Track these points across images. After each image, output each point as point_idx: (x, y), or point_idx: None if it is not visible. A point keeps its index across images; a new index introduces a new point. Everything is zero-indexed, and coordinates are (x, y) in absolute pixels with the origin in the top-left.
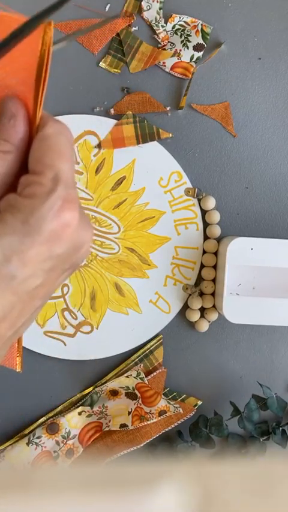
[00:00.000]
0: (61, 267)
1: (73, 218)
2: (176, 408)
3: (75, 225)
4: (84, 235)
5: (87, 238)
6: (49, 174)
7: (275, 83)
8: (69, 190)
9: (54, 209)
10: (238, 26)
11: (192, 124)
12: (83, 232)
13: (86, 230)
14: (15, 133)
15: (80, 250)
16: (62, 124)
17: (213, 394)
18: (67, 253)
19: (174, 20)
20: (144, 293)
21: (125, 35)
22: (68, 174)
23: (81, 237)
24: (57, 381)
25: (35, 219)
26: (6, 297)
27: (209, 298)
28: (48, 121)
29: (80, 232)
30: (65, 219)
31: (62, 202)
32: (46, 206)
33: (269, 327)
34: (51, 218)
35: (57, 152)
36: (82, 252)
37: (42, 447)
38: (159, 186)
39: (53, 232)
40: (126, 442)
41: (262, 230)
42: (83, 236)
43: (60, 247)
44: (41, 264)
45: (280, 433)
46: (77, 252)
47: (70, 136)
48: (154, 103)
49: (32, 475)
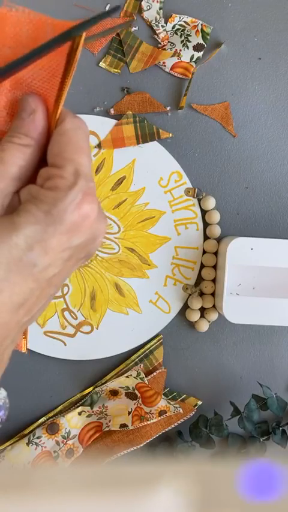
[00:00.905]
0: (77, 256)
1: (92, 210)
2: (176, 408)
3: (94, 217)
4: (100, 227)
5: (102, 229)
6: (70, 168)
7: (275, 83)
8: (89, 184)
9: (76, 201)
10: (238, 26)
11: (192, 124)
12: (100, 223)
13: (102, 222)
14: (35, 127)
15: (95, 240)
16: (79, 119)
17: (213, 394)
18: (84, 243)
19: (174, 20)
20: (144, 293)
21: (125, 35)
22: (87, 168)
23: (98, 229)
24: (57, 381)
25: (58, 210)
26: (27, 284)
27: (209, 298)
28: (67, 116)
29: (98, 224)
30: (85, 211)
31: (82, 195)
32: (68, 199)
33: (269, 327)
34: (72, 210)
35: (77, 146)
36: (97, 242)
37: (42, 447)
38: (159, 186)
39: (73, 223)
40: (126, 442)
41: (262, 230)
42: (100, 227)
43: (79, 238)
44: (60, 254)
45: (280, 433)
46: (93, 242)
47: (87, 130)
48: (154, 103)
49: (32, 475)
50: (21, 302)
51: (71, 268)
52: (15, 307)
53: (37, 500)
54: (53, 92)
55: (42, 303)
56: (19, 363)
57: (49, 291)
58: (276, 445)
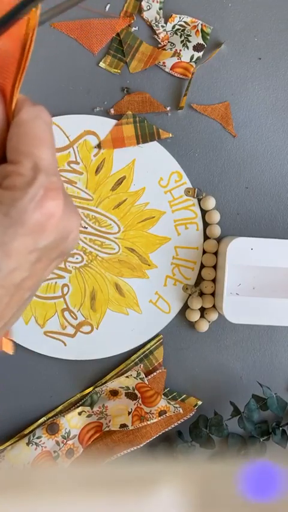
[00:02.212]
0: (48, 257)
1: (57, 207)
2: (176, 408)
3: (59, 214)
4: (71, 223)
5: (74, 225)
6: (28, 163)
7: (275, 83)
8: (51, 178)
9: (36, 199)
10: (238, 26)
11: (192, 124)
12: (69, 220)
13: (72, 217)
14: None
15: (66, 239)
16: (38, 107)
17: (213, 394)
18: (53, 243)
19: (174, 20)
20: (144, 293)
21: (125, 35)
22: (48, 161)
23: (67, 226)
24: (57, 381)
25: (17, 210)
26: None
27: (209, 298)
28: (24, 105)
29: (66, 221)
30: (48, 209)
31: (44, 191)
32: (27, 197)
33: (269, 327)
34: (33, 209)
35: (35, 138)
36: (69, 240)
37: (42, 447)
38: (159, 186)
39: (36, 223)
40: (126, 442)
41: (262, 230)
42: (69, 224)
43: (46, 239)
44: (26, 256)
45: (280, 433)
46: (64, 241)
47: (48, 119)
48: (154, 103)
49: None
50: None
51: (44, 270)
52: None
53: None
54: (10, 81)
55: (14, 308)
56: (19, 363)
57: (22, 295)
58: (276, 445)
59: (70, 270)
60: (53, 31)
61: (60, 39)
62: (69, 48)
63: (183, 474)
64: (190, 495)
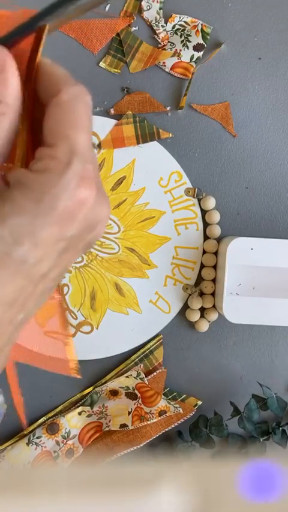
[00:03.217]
0: (75, 247)
1: (89, 196)
2: (176, 408)
3: (91, 203)
4: (101, 213)
5: (104, 216)
6: (64, 147)
7: (275, 83)
8: (86, 165)
9: (70, 187)
10: (238, 26)
11: (192, 124)
12: (100, 210)
13: (103, 207)
14: (8, 90)
15: (94, 229)
16: (80, 88)
17: (213, 394)
18: (81, 233)
19: (174, 20)
20: (144, 293)
21: (125, 35)
22: (84, 147)
23: (97, 216)
24: (57, 381)
25: (49, 198)
26: (17, 281)
27: (209, 298)
28: (65, 84)
29: (96, 211)
30: (81, 198)
31: (78, 179)
32: (61, 184)
33: (269, 327)
34: (66, 197)
35: (73, 121)
36: (97, 231)
37: (42, 447)
38: (159, 186)
39: (67, 212)
40: (126, 442)
41: (262, 230)
42: (99, 214)
43: (74, 228)
44: (53, 246)
45: (280, 433)
46: (92, 231)
47: (89, 100)
48: (154, 103)
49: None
50: (12, 300)
51: (69, 260)
52: (6, 305)
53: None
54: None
55: (37, 298)
56: (19, 363)
57: (45, 286)
58: (276, 445)
59: (70, 270)
60: None
61: (60, 39)
62: (69, 48)
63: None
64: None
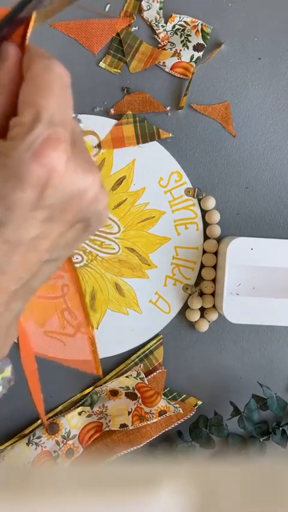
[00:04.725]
0: (61, 218)
1: (58, 158)
2: (176, 408)
3: (61, 167)
4: (82, 181)
5: (87, 184)
6: (29, 113)
7: (275, 83)
8: (55, 128)
9: (32, 149)
10: (238, 26)
11: (192, 124)
12: (80, 177)
13: (85, 174)
14: (3, 73)
15: (81, 199)
16: (50, 60)
17: (213, 394)
18: (62, 202)
19: (174, 20)
20: (144, 293)
21: (125, 35)
22: (52, 111)
23: (78, 184)
24: (57, 380)
25: (13, 161)
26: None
27: (209, 298)
28: (36, 58)
29: (76, 177)
30: (47, 161)
31: (42, 141)
32: (23, 146)
33: (269, 327)
34: (29, 159)
35: (40, 89)
36: (87, 202)
37: (42, 447)
38: (159, 186)
39: (36, 176)
40: (126, 442)
41: (262, 230)
42: (81, 182)
43: (50, 195)
44: (31, 213)
45: (280, 433)
46: (79, 202)
47: (61, 71)
48: (154, 103)
49: (32, 475)
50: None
51: (62, 233)
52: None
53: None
54: None
55: (32, 270)
56: (19, 363)
57: (38, 257)
58: (276, 445)
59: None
60: (53, 31)
61: (60, 39)
62: (69, 48)
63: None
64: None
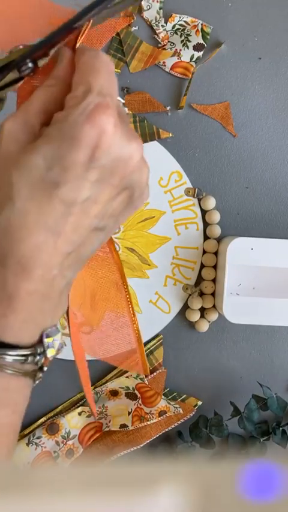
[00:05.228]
0: (109, 182)
1: (107, 122)
2: (176, 408)
3: (111, 130)
4: (129, 147)
5: (133, 150)
6: (81, 87)
7: (275, 83)
8: (104, 98)
9: (85, 113)
10: (238, 26)
11: (192, 124)
12: (126, 142)
13: (131, 141)
14: (58, 69)
15: (127, 164)
16: (95, 51)
17: (213, 394)
18: (111, 164)
19: (174, 20)
20: (144, 293)
21: (125, 35)
22: (102, 85)
23: (124, 148)
24: (57, 381)
25: (69, 124)
26: (54, 205)
27: (209, 298)
28: (86, 51)
29: (123, 143)
30: (98, 123)
31: (94, 106)
32: (77, 111)
33: (269, 327)
34: (82, 122)
35: (90, 71)
36: (131, 167)
37: (42, 447)
38: (159, 186)
39: (89, 137)
40: (126, 442)
41: (262, 230)
42: (127, 148)
43: (100, 156)
44: (84, 173)
45: (280, 433)
46: (125, 166)
47: (107, 59)
48: (154, 103)
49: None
50: (53, 225)
51: (110, 198)
52: (47, 229)
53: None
54: None
55: (83, 235)
56: None
57: (90, 222)
58: (277, 445)
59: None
60: None
61: None
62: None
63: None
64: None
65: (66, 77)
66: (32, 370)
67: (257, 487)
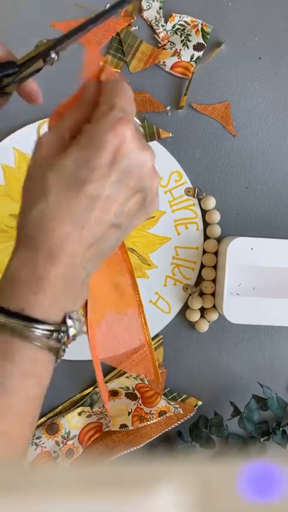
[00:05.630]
0: (127, 182)
1: (127, 131)
2: (176, 408)
3: (129, 138)
4: (143, 154)
5: (147, 157)
6: (106, 104)
7: (275, 83)
8: (125, 114)
9: (110, 124)
10: (238, 26)
11: (192, 124)
12: (141, 150)
13: (145, 149)
14: (86, 96)
15: (142, 169)
16: (118, 77)
17: (213, 394)
18: (128, 168)
19: (174, 20)
20: (144, 293)
21: (125, 35)
22: (123, 104)
23: (140, 154)
24: (57, 381)
25: (96, 132)
26: (80, 200)
27: (209, 298)
28: (109, 80)
29: (139, 150)
30: (120, 132)
31: (117, 119)
32: (103, 121)
33: (269, 327)
34: (107, 131)
35: (114, 92)
36: (145, 172)
37: (42, 447)
38: (159, 186)
39: (111, 144)
40: (126, 442)
41: (262, 230)
42: (142, 154)
43: (121, 159)
44: (107, 173)
45: (280, 433)
46: (140, 170)
47: (125, 85)
48: (154, 102)
49: (32, 475)
50: (79, 217)
51: (125, 198)
52: (75, 221)
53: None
54: None
55: (103, 229)
56: None
57: (109, 218)
58: (277, 445)
59: None
60: (53, 30)
61: None
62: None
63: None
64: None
65: (93, 102)
66: (55, 347)
67: (257, 487)
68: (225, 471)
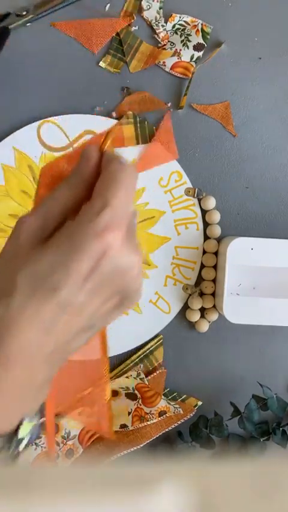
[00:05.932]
0: (105, 289)
1: (114, 241)
2: (176, 408)
3: (116, 246)
4: (129, 260)
5: (133, 263)
6: (98, 201)
7: (275, 83)
8: (116, 216)
9: (97, 230)
10: (238, 26)
11: (192, 124)
12: (128, 256)
13: (132, 255)
14: (83, 168)
15: (125, 275)
16: (124, 164)
17: (213, 394)
18: (110, 275)
19: (175, 20)
20: (144, 293)
21: (125, 35)
22: (118, 202)
23: (125, 261)
24: None
25: (79, 236)
26: (51, 306)
27: (209, 299)
28: (114, 160)
29: (125, 257)
30: (106, 241)
31: (105, 225)
32: (90, 225)
33: (269, 327)
34: (92, 238)
35: (112, 185)
36: (129, 278)
37: (42, 447)
38: (159, 186)
39: (94, 251)
40: (126, 442)
41: (262, 230)
42: (128, 260)
43: (102, 269)
44: (84, 281)
45: (280, 433)
46: (122, 277)
47: (131, 173)
48: (154, 101)
49: (32, 475)
50: (46, 323)
51: (102, 303)
52: (40, 327)
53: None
54: None
55: (71, 333)
56: None
57: (80, 321)
58: (277, 445)
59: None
60: (53, 30)
61: (60, 39)
62: (69, 48)
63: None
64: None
65: (89, 179)
66: None
67: None
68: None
